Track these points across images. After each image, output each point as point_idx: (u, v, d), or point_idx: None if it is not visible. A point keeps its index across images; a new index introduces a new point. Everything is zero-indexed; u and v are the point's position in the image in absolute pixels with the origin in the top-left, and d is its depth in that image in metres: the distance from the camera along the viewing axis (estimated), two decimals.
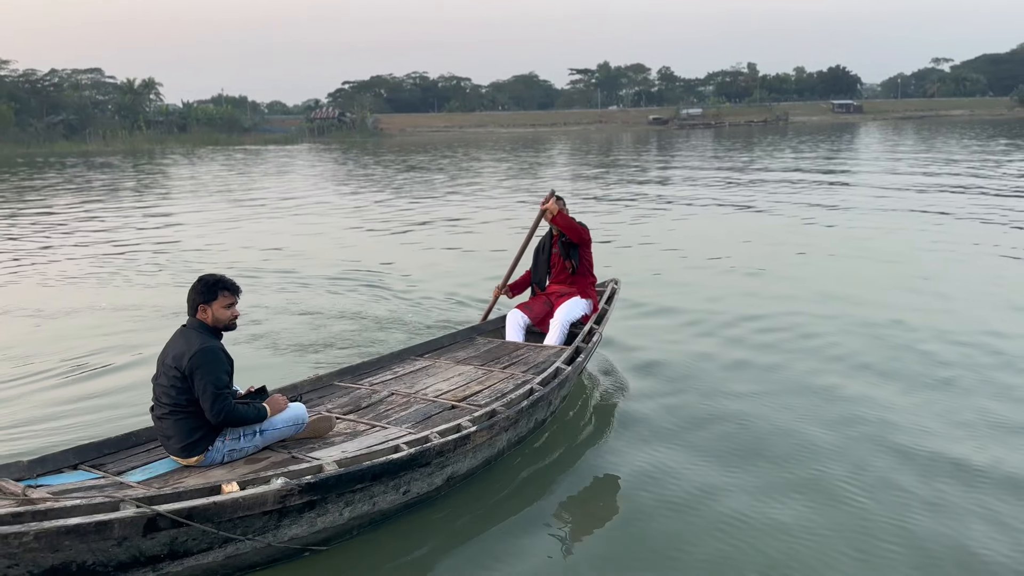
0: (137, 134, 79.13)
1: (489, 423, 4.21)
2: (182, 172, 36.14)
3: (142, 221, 17.36)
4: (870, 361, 6.43)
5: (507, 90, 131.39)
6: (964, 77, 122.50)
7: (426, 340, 6.18)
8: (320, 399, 4.89)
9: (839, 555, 3.66)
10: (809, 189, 19.84)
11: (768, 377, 6.12)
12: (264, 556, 3.40)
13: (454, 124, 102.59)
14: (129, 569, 3.03)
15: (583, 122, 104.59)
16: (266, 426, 3.99)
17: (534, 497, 4.30)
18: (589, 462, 4.74)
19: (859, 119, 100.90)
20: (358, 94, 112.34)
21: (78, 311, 8.82)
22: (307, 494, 3.35)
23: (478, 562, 3.68)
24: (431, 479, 3.97)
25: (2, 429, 5.32)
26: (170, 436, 3.84)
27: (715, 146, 47.25)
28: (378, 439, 4.17)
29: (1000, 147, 35.37)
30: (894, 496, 4.18)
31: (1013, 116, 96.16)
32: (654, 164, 32.43)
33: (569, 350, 5.46)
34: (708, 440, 4.96)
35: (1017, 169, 23.70)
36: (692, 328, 7.58)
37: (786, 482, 4.37)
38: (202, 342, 3.81)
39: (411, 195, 21.77)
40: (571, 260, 6.32)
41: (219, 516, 3.13)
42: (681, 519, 4.01)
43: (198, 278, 3.99)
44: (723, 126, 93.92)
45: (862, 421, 5.21)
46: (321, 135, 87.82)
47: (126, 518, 2.92)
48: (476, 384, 5.11)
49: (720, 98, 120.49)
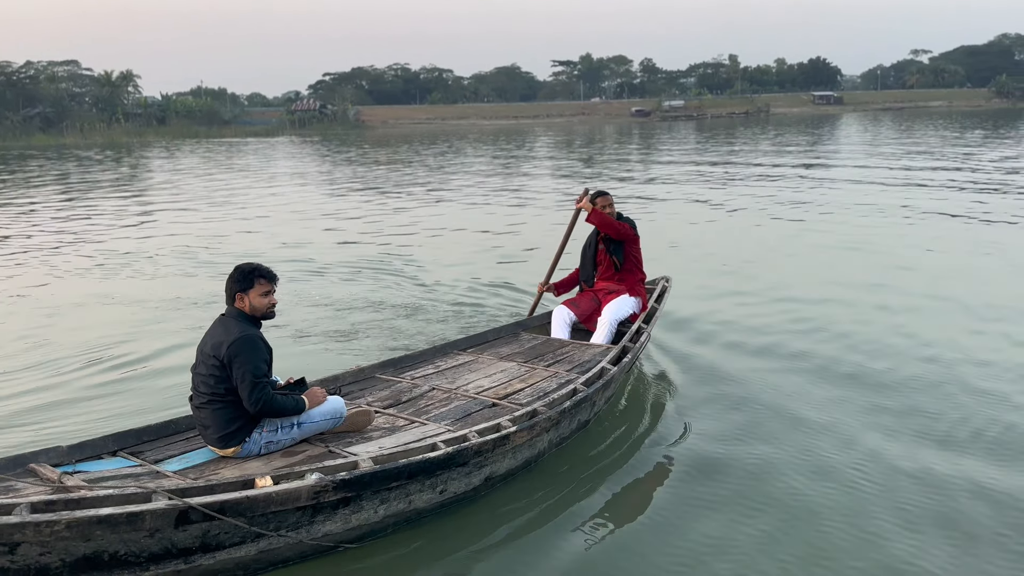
0: (116, 127, 78.39)
1: (530, 423, 4.09)
2: (176, 164, 35.85)
3: (144, 214, 17.25)
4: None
5: (489, 82, 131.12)
6: (942, 69, 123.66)
7: (469, 334, 6.07)
8: (361, 391, 4.83)
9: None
10: (829, 183, 19.64)
11: (828, 385, 5.70)
12: (297, 552, 3.36)
13: (436, 116, 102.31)
14: (161, 560, 3.01)
15: (566, 114, 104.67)
16: (304, 419, 3.95)
17: (574, 501, 4.14)
18: (633, 467, 4.54)
19: (839, 110, 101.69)
20: (339, 86, 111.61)
21: (87, 303, 8.81)
22: (341, 491, 3.30)
23: (514, 565, 3.60)
24: (469, 479, 3.89)
25: (42, 414, 5.33)
26: (208, 426, 3.81)
27: (701, 138, 47.36)
28: (416, 436, 4.10)
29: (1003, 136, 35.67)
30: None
31: (991, 107, 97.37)
32: (649, 158, 32.47)
33: (616, 349, 5.31)
34: (760, 451, 4.67)
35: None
36: (743, 330, 7.14)
37: (844, 500, 4.07)
38: (241, 330, 3.77)
39: (427, 187, 21.65)
40: (615, 256, 6.18)
41: (251, 511, 3.09)
42: (725, 530, 3.81)
43: (235, 267, 3.94)
44: (705, 118, 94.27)
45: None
46: (302, 127, 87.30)
47: (158, 510, 2.89)
48: (518, 382, 4.99)
49: (702, 90, 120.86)
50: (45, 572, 2.82)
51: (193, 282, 9.72)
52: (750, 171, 22.92)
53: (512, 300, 8.40)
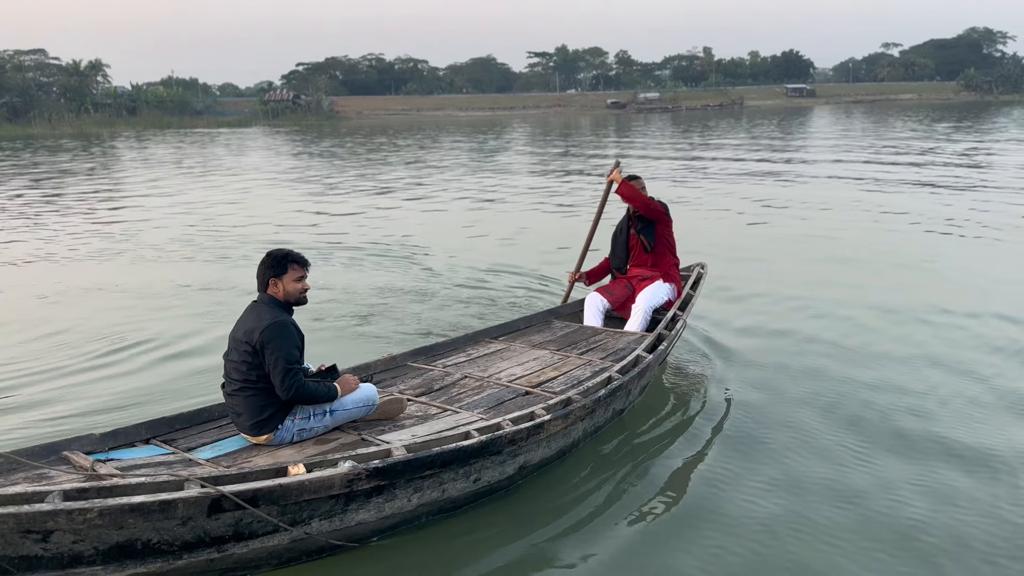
0: (85, 117, 77.04)
1: (564, 412, 4.04)
2: (160, 153, 35.36)
3: (147, 198, 17.36)
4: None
5: (465, 73, 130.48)
6: (912, 62, 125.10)
7: (498, 323, 6.03)
8: (393, 379, 4.80)
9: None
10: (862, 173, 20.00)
11: (873, 373, 5.65)
12: (331, 541, 3.34)
13: (412, 107, 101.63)
14: (194, 549, 2.99)
15: (542, 106, 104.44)
16: (336, 406, 3.93)
17: (611, 491, 4.10)
18: (669, 457, 4.48)
19: (812, 103, 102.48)
20: (313, 76, 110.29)
21: (100, 289, 8.88)
22: (375, 479, 3.28)
23: (550, 556, 3.56)
24: (503, 468, 3.86)
25: (71, 403, 5.34)
26: (240, 413, 3.79)
27: (677, 130, 47.56)
28: (449, 424, 4.06)
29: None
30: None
31: (959, 100, 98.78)
32: (646, 148, 32.56)
33: (651, 337, 5.23)
34: (800, 443, 4.58)
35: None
36: (784, 317, 7.12)
37: (884, 500, 3.97)
38: (273, 316, 3.75)
39: (440, 174, 21.72)
40: (644, 236, 6.01)
41: (285, 499, 3.08)
42: (768, 519, 3.75)
43: (267, 253, 3.92)
44: (680, 110, 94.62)
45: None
46: (276, 118, 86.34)
47: (190, 498, 2.88)
48: (552, 370, 4.94)
49: (677, 82, 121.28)
50: (78, 560, 2.81)
51: (209, 269, 9.84)
52: (727, 163, 23.14)
53: (530, 287, 8.44)
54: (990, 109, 67.04)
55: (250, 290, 4.20)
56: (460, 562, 3.51)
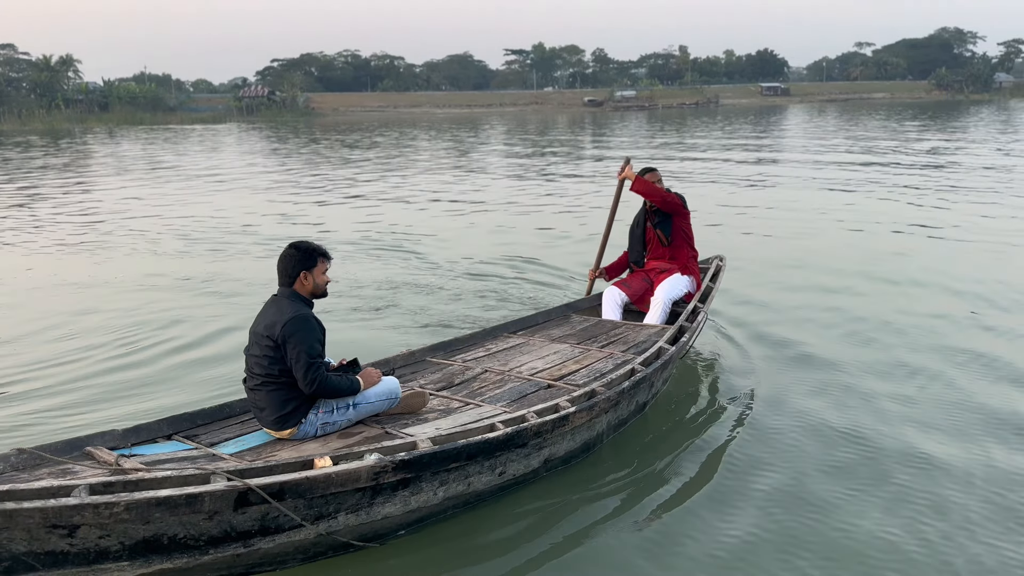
0: (56, 113, 75.85)
1: (588, 404, 4.02)
2: (141, 149, 34.83)
3: (145, 199, 17.16)
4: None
5: (442, 70, 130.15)
6: (885, 61, 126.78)
7: (518, 317, 6.02)
8: (412, 374, 4.78)
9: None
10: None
11: (895, 370, 5.63)
12: (357, 535, 3.31)
13: (389, 104, 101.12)
14: (220, 544, 2.96)
15: (519, 103, 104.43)
16: (359, 399, 3.92)
17: (636, 486, 4.07)
18: (692, 451, 4.45)
19: (786, 101, 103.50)
20: (288, 72, 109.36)
21: (99, 286, 8.82)
22: (401, 471, 3.26)
23: (576, 549, 3.53)
24: (528, 460, 3.84)
25: (88, 399, 5.32)
26: (263, 408, 3.77)
27: (654, 128, 47.77)
28: (472, 417, 4.05)
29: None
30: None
31: (931, 99, 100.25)
32: (613, 146, 32.65)
33: (672, 330, 5.21)
34: (822, 436, 4.58)
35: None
36: (803, 314, 7.11)
37: (907, 499, 3.91)
38: (295, 310, 3.73)
39: (450, 171, 21.72)
40: (660, 230, 5.99)
41: (311, 492, 3.05)
42: (791, 515, 3.74)
43: (290, 246, 3.89)
44: (656, 108, 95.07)
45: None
46: (250, 114, 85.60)
47: (217, 491, 2.85)
48: (573, 363, 4.91)
49: (653, 80, 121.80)
50: (104, 556, 2.77)
51: (212, 263, 9.84)
52: (711, 156, 23.32)
53: (541, 282, 8.45)
54: (960, 107, 68.10)
55: (259, 283, 4.16)
56: (486, 556, 3.49)
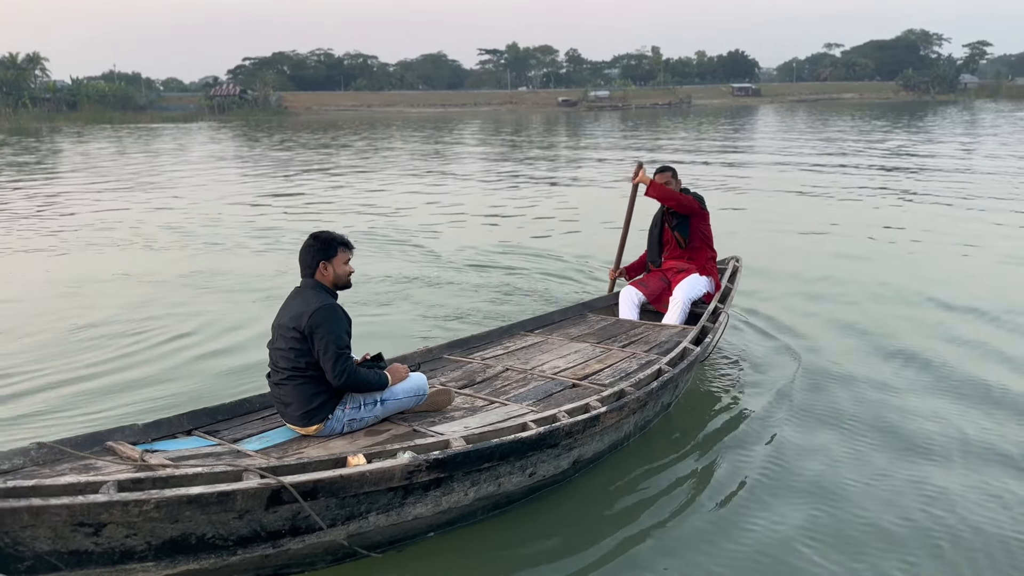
0: (22, 112, 74.61)
1: (619, 404, 3.94)
2: (133, 147, 34.32)
3: (148, 198, 16.99)
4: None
5: (415, 69, 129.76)
6: (854, 62, 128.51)
7: (535, 315, 5.95)
8: (432, 372, 4.67)
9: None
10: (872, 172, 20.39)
11: (925, 369, 5.57)
12: (387, 536, 3.19)
13: (362, 103, 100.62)
14: (249, 544, 2.84)
15: (493, 103, 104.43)
16: (387, 395, 3.79)
17: (662, 486, 4.00)
18: (718, 451, 4.40)
19: (757, 102, 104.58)
20: (260, 71, 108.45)
21: (103, 280, 8.78)
22: (434, 471, 3.14)
23: (607, 552, 3.45)
24: (558, 461, 3.74)
25: (100, 393, 5.29)
26: (289, 403, 3.64)
27: (627, 128, 48.01)
28: (500, 416, 3.94)
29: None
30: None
31: (898, 99, 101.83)
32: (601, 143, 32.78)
33: (695, 330, 5.13)
34: (848, 435, 4.52)
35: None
36: (825, 311, 7.00)
37: (937, 490, 3.89)
38: (321, 300, 3.62)
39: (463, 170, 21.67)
40: (678, 233, 5.93)
41: (345, 491, 2.93)
42: (824, 510, 3.69)
43: (311, 236, 3.78)
44: (630, 108, 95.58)
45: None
46: (222, 113, 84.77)
47: (250, 489, 2.72)
48: (595, 362, 4.84)
49: (626, 80, 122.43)
50: (130, 556, 2.65)
51: (209, 258, 9.84)
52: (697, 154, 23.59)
53: (559, 279, 8.47)
54: (928, 108, 69.23)
55: (258, 280, 4.17)
56: (516, 559, 3.43)
